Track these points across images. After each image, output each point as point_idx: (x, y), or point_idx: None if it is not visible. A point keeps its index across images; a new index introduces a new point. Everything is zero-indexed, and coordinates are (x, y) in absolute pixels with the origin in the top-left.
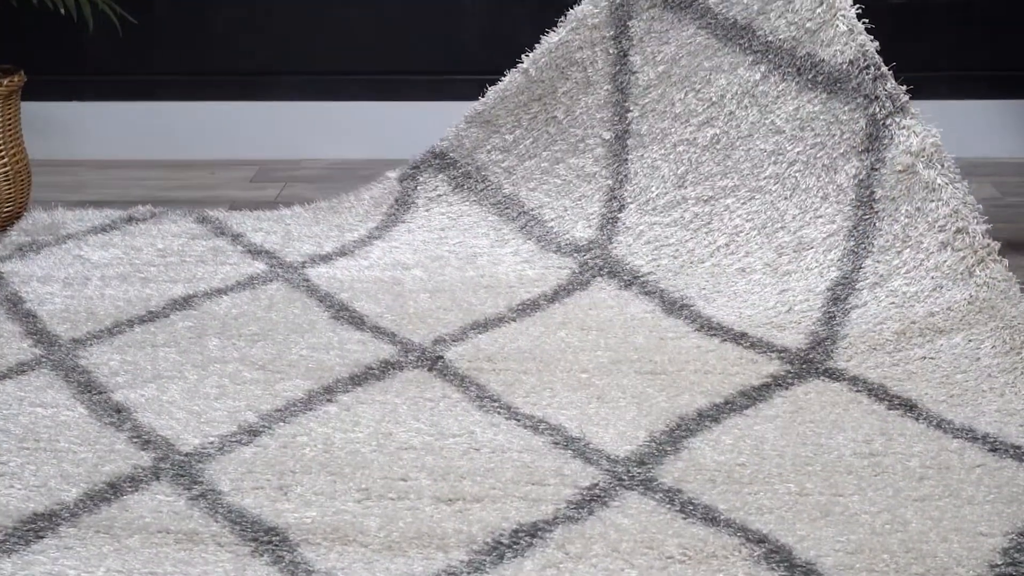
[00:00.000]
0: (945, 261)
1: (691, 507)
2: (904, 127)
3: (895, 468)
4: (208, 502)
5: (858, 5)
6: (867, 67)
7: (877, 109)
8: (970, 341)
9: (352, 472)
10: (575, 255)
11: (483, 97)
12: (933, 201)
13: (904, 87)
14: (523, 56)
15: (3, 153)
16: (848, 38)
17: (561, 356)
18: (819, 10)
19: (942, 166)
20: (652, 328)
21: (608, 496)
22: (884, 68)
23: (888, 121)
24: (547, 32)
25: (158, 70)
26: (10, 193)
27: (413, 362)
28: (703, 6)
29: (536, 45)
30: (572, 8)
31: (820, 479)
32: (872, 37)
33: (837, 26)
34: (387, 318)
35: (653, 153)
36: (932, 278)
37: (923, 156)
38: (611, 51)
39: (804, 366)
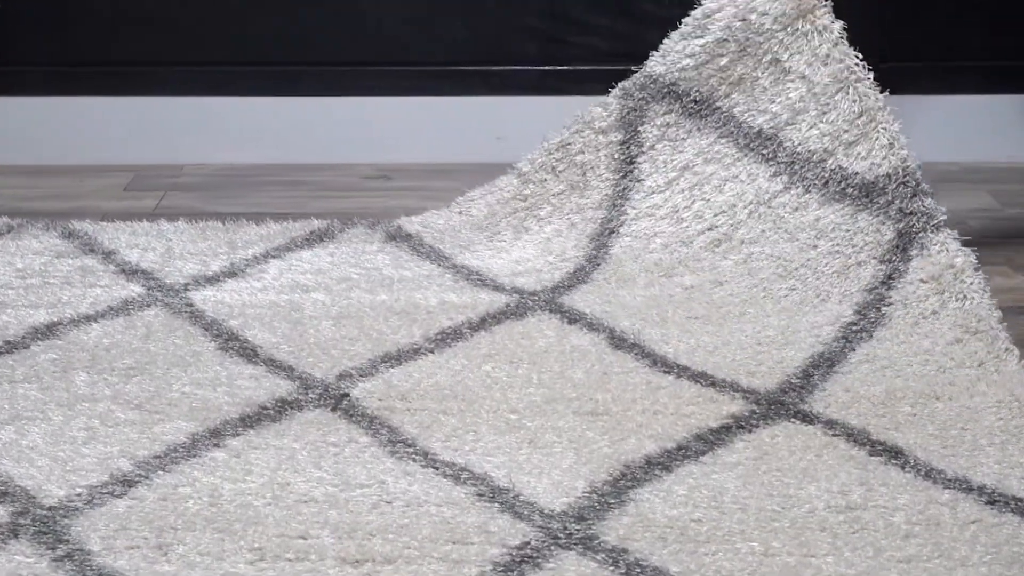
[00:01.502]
0: (955, 352)
1: (638, 569)
2: (937, 242)
3: (876, 524)
4: (75, 564)
5: None
6: (905, 181)
7: (911, 223)
8: (969, 408)
9: (243, 529)
10: (513, 294)
11: (471, 192)
12: (955, 310)
13: (942, 208)
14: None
15: None
16: (888, 152)
17: (487, 393)
18: (858, 121)
19: (972, 282)
20: (595, 362)
21: (541, 557)
22: (924, 184)
23: (921, 236)
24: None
25: (16, 60)
26: None
27: (314, 400)
28: (727, 114)
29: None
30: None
31: (789, 537)
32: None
33: (877, 139)
34: (284, 349)
35: (638, 248)
36: (937, 363)
37: (953, 269)
38: (617, 156)
39: (772, 407)
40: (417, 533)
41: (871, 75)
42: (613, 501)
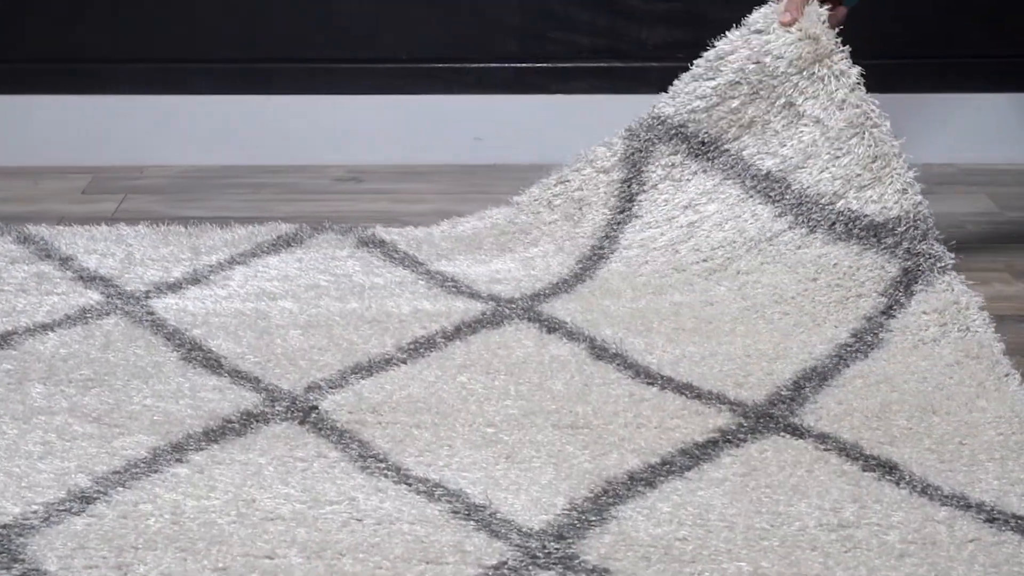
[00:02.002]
0: (954, 372)
1: None
2: (944, 282)
3: (870, 543)
4: None
5: None
6: (916, 224)
7: (918, 263)
8: (967, 423)
9: (206, 548)
10: (490, 302)
11: (459, 217)
12: (957, 339)
13: (951, 254)
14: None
15: None
16: (900, 196)
17: (462, 406)
18: (873, 166)
19: (977, 318)
20: (575, 372)
21: None
22: (934, 229)
23: (927, 275)
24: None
25: None
26: None
27: (281, 413)
28: (735, 157)
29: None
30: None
31: (778, 556)
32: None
33: (891, 184)
34: (250, 360)
35: (627, 272)
36: (935, 380)
37: (957, 305)
38: (617, 193)
39: (761, 421)
40: (389, 552)
41: (888, 122)
42: (594, 519)
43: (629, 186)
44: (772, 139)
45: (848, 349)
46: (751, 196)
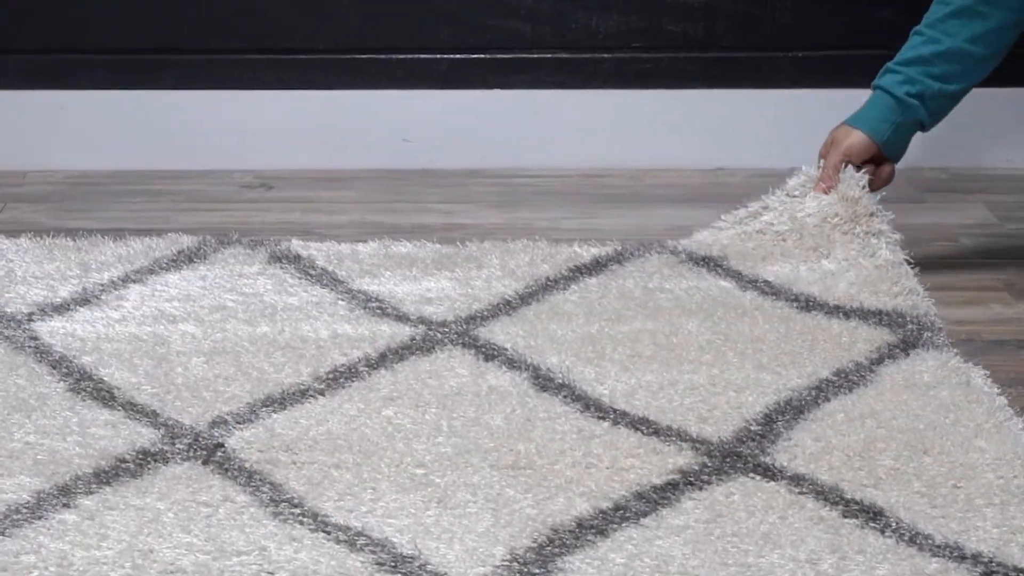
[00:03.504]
0: (949, 412)
1: None
2: (947, 355)
3: None
4: None
5: None
6: (924, 316)
7: (920, 339)
8: (963, 464)
9: None
10: (420, 325)
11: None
12: (956, 386)
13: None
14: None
15: None
16: (912, 302)
17: (388, 444)
18: (894, 289)
19: (980, 381)
20: (516, 406)
21: None
22: (943, 332)
23: (927, 345)
24: None
25: None
26: None
27: (182, 452)
28: (734, 272)
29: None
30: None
31: None
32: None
33: (906, 301)
34: (146, 391)
35: (579, 299)
36: (928, 419)
37: (960, 367)
38: (588, 266)
39: (727, 460)
40: None
41: (917, 267)
42: (538, 571)
43: (607, 263)
44: (785, 265)
45: (830, 384)
46: (745, 291)
